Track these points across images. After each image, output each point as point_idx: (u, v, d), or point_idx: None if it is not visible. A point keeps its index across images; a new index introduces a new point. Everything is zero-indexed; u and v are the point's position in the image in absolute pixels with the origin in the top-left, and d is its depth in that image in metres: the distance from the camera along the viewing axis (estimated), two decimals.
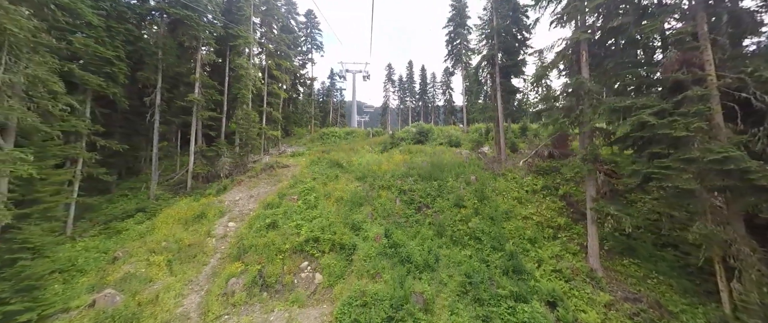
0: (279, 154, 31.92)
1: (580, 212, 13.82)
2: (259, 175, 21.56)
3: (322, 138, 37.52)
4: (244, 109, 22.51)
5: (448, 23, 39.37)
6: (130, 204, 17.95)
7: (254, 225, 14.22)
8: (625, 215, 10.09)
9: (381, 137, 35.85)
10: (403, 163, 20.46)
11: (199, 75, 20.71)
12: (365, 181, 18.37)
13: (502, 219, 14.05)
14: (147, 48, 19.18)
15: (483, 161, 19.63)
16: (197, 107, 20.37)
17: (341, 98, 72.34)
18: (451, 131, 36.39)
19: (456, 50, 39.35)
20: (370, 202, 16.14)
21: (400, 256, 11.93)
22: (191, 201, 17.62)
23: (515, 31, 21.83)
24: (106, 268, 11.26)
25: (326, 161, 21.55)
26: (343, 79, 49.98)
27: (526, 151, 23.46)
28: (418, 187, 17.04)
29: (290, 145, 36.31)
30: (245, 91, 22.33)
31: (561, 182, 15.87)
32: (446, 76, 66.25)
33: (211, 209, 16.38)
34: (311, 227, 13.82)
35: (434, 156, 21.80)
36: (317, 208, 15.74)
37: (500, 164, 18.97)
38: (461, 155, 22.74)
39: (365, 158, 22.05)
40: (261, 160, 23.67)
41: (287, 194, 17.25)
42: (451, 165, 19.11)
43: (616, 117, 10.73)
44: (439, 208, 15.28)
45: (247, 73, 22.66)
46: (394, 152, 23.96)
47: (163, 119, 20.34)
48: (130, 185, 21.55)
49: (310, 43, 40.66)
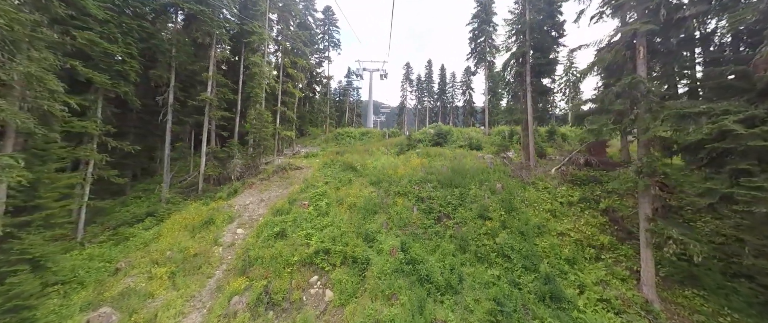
0: (293, 154, 31.31)
1: (626, 230, 12.04)
2: (270, 177, 20.82)
3: (337, 138, 36.67)
4: (257, 108, 21.85)
5: (473, 20, 37.54)
6: (142, 208, 17.59)
7: (262, 234, 13.33)
8: (693, 241, 8.36)
9: (397, 139, 34.58)
10: (421, 167, 19.11)
11: (213, 73, 20.17)
12: (380, 186, 17.18)
13: (534, 235, 12.47)
14: (160, 45, 18.77)
15: (509, 167, 17.97)
16: (210, 107, 19.84)
17: (358, 97, 71.61)
18: (472, 133, 34.63)
19: (480, 48, 37.48)
20: (385, 210, 14.93)
21: (418, 274, 10.65)
22: (201, 205, 17.03)
23: (548, 27, 19.97)
24: (107, 281, 10.63)
25: (339, 164, 20.53)
26: (359, 78, 49.03)
27: (555, 157, 21.57)
28: (437, 195, 15.67)
29: (304, 145, 35.69)
30: (259, 90, 21.65)
31: (601, 194, 14.06)
32: (467, 76, 64.09)
33: (219, 215, 15.68)
34: (322, 237, 12.78)
35: (455, 160, 20.32)
36: (328, 215, 14.70)
37: (529, 171, 17.27)
38: (484, 159, 21.11)
39: (380, 161, 20.86)
40: (273, 161, 22.96)
41: (298, 200, 16.31)
42: (473, 171, 17.59)
43: (683, 124, 8.97)
44: (461, 219, 13.86)
45: (261, 71, 21.97)
46: (411, 155, 22.63)
47: (176, 118, 19.94)
48: (144, 187, 21.37)
49: (328, 40, 39.91)
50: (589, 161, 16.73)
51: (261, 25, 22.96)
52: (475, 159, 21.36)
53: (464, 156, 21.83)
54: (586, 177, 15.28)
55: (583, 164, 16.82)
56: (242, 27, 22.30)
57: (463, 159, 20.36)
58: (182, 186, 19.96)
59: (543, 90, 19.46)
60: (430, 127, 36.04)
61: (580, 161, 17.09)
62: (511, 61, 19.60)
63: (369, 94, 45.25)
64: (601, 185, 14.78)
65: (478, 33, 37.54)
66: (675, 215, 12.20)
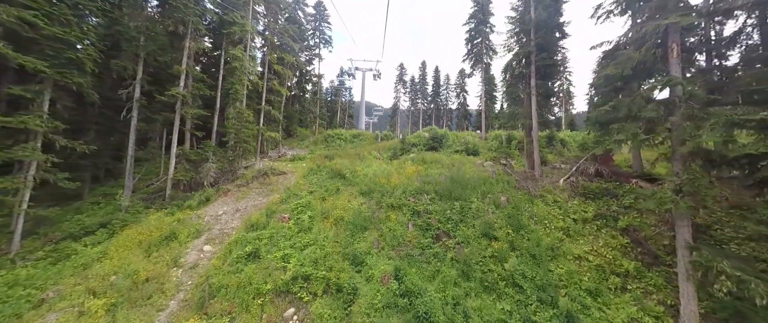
0: (278, 157, 29.22)
1: (652, 254, 10.51)
2: (250, 183, 18.74)
3: (327, 141, 34.69)
4: (237, 107, 19.77)
5: (469, 20, 36.17)
6: (96, 217, 15.31)
7: (231, 255, 11.32)
8: (753, 279, 6.81)
9: (390, 142, 32.83)
10: (417, 176, 17.38)
11: (186, 66, 18.02)
12: (371, 197, 15.36)
13: (548, 258, 10.83)
14: (125, 32, 16.54)
15: (513, 176, 16.39)
16: (182, 103, 17.68)
17: (350, 97, 69.75)
18: (468, 137, 33.16)
19: (476, 50, 36.10)
20: (377, 226, 13.11)
21: (415, 310, 8.84)
22: (164, 215, 14.88)
23: (554, 26, 18.53)
24: (25, 317, 8.47)
25: (327, 171, 18.60)
26: (351, 78, 47.14)
27: (557, 164, 20.14)
28: (435, 208, 13.94)
29: (292, 147, 33.58)
30: (239, 86, 19.59)
31: (618, 210, 12.55)
32: (461, 79, 62.94)
33: (185, 228, 13.57)
34: (302, 259, 10.88)
35: (453, 168, 18.65)
36: (311, 232, 12.80)
37: (535, 182, 15.72)
38: (484, 168, 19.52)
39: (372, 168, 19.04)
40: (254, 165, 20.87)
41: (277, 212, 14.34)
42: (474, 181, 15.94)
43: (729, 134, 7.47)
44: (462, 237, 12.14)
45: (243, 65, 19.92)
46: (405, 162, 20.88)
47: (143, 115, 17.72)
48: (106, 191, 19.00)
49: (319, 37, 37.91)
50: (599, 171, 15.28)
51: (244, 15, 20.92)
52: (474, 167, 19.75)
53: (463, 164, 20.21)
54: (600, 190, 13.78)
55: (594, 174, 15.36)
56: (223, 17, 20.23)
57: (462, 168, 18.72)
58: (148, 192, 17.71)
59: (549, 93, 18.01)
60: (424, 130, 34.45)
61: (590, 170, 15.63)
62: (514, 61, 18.08)
63: (361, 94, 43.46)
64: (616, 199, 13.29)
65: (474, 34, 36.19)
66: (703, 236, 10.75)
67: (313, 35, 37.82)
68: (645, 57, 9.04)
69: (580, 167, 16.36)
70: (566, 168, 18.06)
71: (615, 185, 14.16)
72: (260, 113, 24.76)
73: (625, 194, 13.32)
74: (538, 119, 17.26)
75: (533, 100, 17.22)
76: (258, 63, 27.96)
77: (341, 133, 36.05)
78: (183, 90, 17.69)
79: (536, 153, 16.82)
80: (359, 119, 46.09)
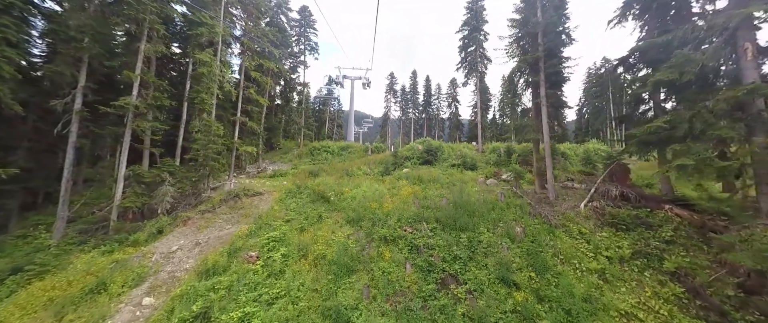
0: (258, 173, 26.38)
1: (717, 309, 8.26)
2: (216, 208, 15.91)
3: (312, 154, 32.04)
4: (204, 119, 17.06)
5: (462, 27, 34.63)
6: (14, 257, 12.20)
7: (173, 317, 8.52)
8: None
9: (382, 155, 30.44)
10: (414, 198, 14.94)
11: (141, 72, 15.29)
12: (360, 226, 12.82)
13: (585, 314, 8.46)
14: (62, 32, 13.78)
15: (525, 199, 14.14)
16: (133, 116, 14.88)
17: (339, 106, 67.49)
18: (464, 150, 31.12)
19: (470, 58, 34.49)
20: (367, 266, 10.54)
21: None
22: (100, 255, 11.92)
23: (560, 29, 16.72)
24: None
25: (308, 193, 15.95)
26: (338, 86, 44.88)
27: (570, 184, 18.08)
28: (438, 241, 11.47)
29: (273, 161, 30.78)
30: (206, 95, 16.92)
31: (659, 245, 10.36)
32: (452, 88, 61.59)
33: (122, 273, 10.67)
34: (268, 319, 8.21)
35: (454, 189, 16.32)
36: (284, 276, 10.14)
37: (551, 206, 13.49)
38: (488, 187, 17.28)
39: (362, 189, 16.51)
40: (224, 186, 18.03)
41: (243, 249, 11.60)
42: (481, 206, 13.62)
43: None
44: (474, 283, 9.67)
45: (211, 72, 17.29)
46: (399, 181, 18.42)
47: (85, 130, 14.81)
48: (41, 220, 15.81)
49: (304, 43, 35.61)
50: (625, 195, 13.17)
51: (214, 16, 18.40)
52: (477, 186, 17.46)
53: (464, 182, 17.91)
54: (630, 219, 11.60)
55: (619, 197, 13.25)
56: (189, 18, 17.68)
57: (465, 188, 16.40)
58: (90, 222, 14.65)
59: (561, 104, 16.02)
60: (418, 142, 32.27)
61: (613, 192, 13.53)
62: (521, 68, 16.07)
63: (350, 104, 41.14)
64: (651, 230, 11.12)
65: (468, 41, 34.67)
66: None
67: (298, 42, 35.51)
68: (712, 59, 6.95)
69: (600, 188, 14.26)
70: (581, 189, 15.96)
71: (646, 212, 12.04)
72: (235, 125, 22.03)
73: (661, 224, 11.18)
74: (550, 133, 15.18)
75: (544, 111, 15.18)
76: (235, 71, 25.40)
77: (328, 145, 33.48)
78: (136, 100, 14.91)
79: (550, 172, 14.67)
80: (348, 129, 43.69)
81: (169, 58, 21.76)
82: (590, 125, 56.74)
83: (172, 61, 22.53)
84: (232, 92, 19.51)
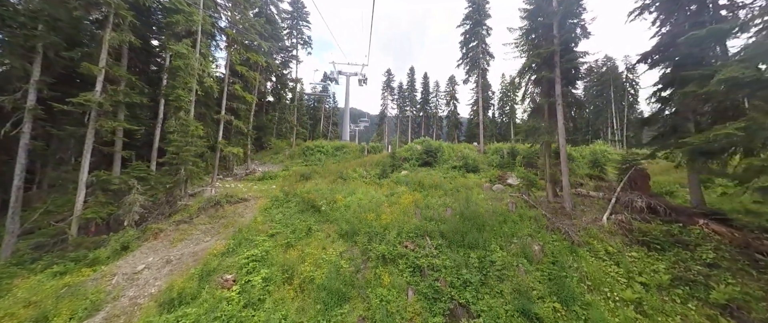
0: (246, 175, 24.65)
1: None
2: (194, 218, 14.21)
3: (305, 154, 30.31)
4: (181, 117, 15.29)
5: (464, 21, 32.99)
6: None
7: None
8: None
9: (378, 156, 28.83)
10: (415, 207, 13.38)
11: (106, 65, 13.48)
12: (354, 242, 11.25)
13: None
14: (8, 17, 11.90)
15: (539, 210, 12.66)
16: (97, 114, 13.08)
17: (334, 104, 65.67)
18: (465, 151, 29.60)
19: (472, 54, 32.92)
20: (362, 292, 8.98)
21: None
22: (50, 277, 10.20)
23: (576, 21, 15.19)
24: None
25: (297, 201, 14.29)
26: (335, 83, 43.09)
27: (585, 191, 16.68)
28: (444, 261, 9.93)
29: (263, 162, 29.02)
30: (182, 91, 15.13)
31: (702, 269, 8.92)
32: (451, 86, 60.04)
33: (71, 302, 8.97)
34: None
35: (458, 196, 14.80)
36: (263, 306, 8.54)
37: (569, 218, 12.02)
38: (495, 193, 15.78)
39: (357, 195, 14.91)
40: (204, 191, 16.31)
41: (217, 270, 9.96)
42: (490, 217, 12.11)
43: None
44: (489, 316, 8.13)
45: (188, 65, 15.50)
46: (398, 186, 16.85)
47: (39, 131, 12.99)
48: None
49: (296, 37, 33.71)
50: (653, 206, 11.73)
51: (192, 2, 16.55)
52: (484, 193, 15.94)
53: (469, 188, 16.42)
54: (663, 235, 10.15)
55: (646, 208, 11.81)
56: (164, 4, 15.84)
57: (470, 194, 14.91)
58: (48, 235, 12.86)
59: (578, 102, 14.53)
60: (416, 142, 30.71)
61: (637, 203, 12.09)
62: (535, 63, 14.53)
63: (345, 101, 39.39)
64: (689, 249, 9.68)
65: (469, 36, 33.08)
66: None
67: (290, 35, 33.60)
68: None
69: (621, 198, 12.82)
70: (598, 198, 14.53)
71: (678, 228, 10.61)
72: (219, 124, 20.26)
73: (699, 243, 9.75)
74: (566, 136, 13.69)
75: (559, 111, 13.67)
76: (221, 65, 23.53)
77: (322, 145, 31.76)
78: (99, 96, 13.11)
79: (566, 179, 13.19)
80: (343, 127, 41.95)
81: (148, 51, 19.85)
82: (590, 125, 55.64)
83: (151, 54, 20.61)
84: (213, 88, 17.72)
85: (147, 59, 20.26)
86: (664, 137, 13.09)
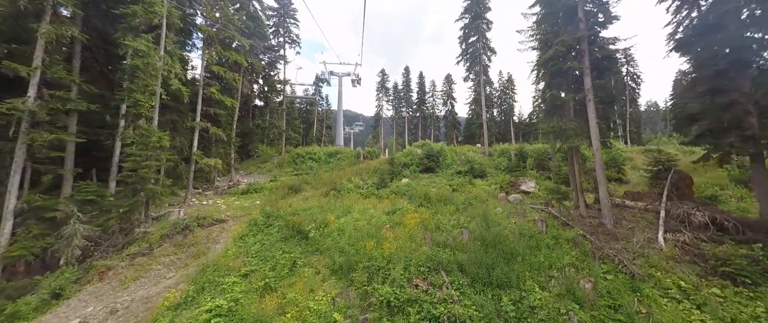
0: (229, 188, 22.10)
1: None
2: (155, 249, 11.69)
3: (296, 162, 27.81)
4: (140, 127, 12.78)
5: (463, 15, 30.84)
6: None
7: None
8: None
9: (376, 162, 26.45)
10: (423, 230, 11.00)
11: (42, 65, 10.95)
12: (351, 280, 8.84)
13: None
14: None
15: (576, 229, 10.37)
16: (26, 126, 10.54)
17: (328, 106, 63.21)
18: (469, 154, 27.42)
19: (472, 49, 30.77)
20: None
21: None
22: None
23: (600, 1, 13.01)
24: None
25: (280, 227, 11.81)
26: (325, 84, 40.67)
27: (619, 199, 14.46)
28: (468, 310, 7.55)
29: (250, 172, 26.48)
30: (141, 95, 12.62)
31: None
32: (448, 85, 58.00)
33: None
34: None
35: (472, 211, 12.47)
36: None
37: (615, 239, 9.75)
38: (515, 206, 13.47)
39: (353, 216, 12.49)
40: (171, 214, 13.77)
41: None
42: (518, 241, 9.80)
43: None
44: None
45: (149, 65, 13.02)
46: (400, 199, 14.45)
47: None
48: None
49: (284, 35, 31.21)
50: (720, 221, 9.51)
51: None
52: (501, 205, 13.62)
53: (482, 200, 14.08)
54: (749, 263, 7.90)
55: (713, 225, 9.58)
56: None
57: (485, 207, 12.58)
58: None
59: (611, 98, 12.29)
60: (416, 145, 28.39)
61: (697, 217, 9.87)
62: (559, 52, 12.26)
63: (338, 103, 36.99)
64: None
65: (469, 31, 30.97)
66: None
67: (277, 33, 31.12)
68: None
69: (672, 210, 10.60)
70: (637, 208, 12.29)
71: (759, 249, 8.39)
72: (194, 133, 17.77)
73: None
74: (600, 137, 11.46)
75: (590, 108, 11.46)
76: (199, 65, 20.99)
77: (314, 151, 29.28)
78: (32, 104, 10.56)
79: (603, 189, 10.93)
80: (337, 131, 39.49)
81: (109, 51, 17.26)
82: None
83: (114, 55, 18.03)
84: (182, 91, 15.20)
85: (109, 60, 17.65)
86: (717, 135, 10.96)
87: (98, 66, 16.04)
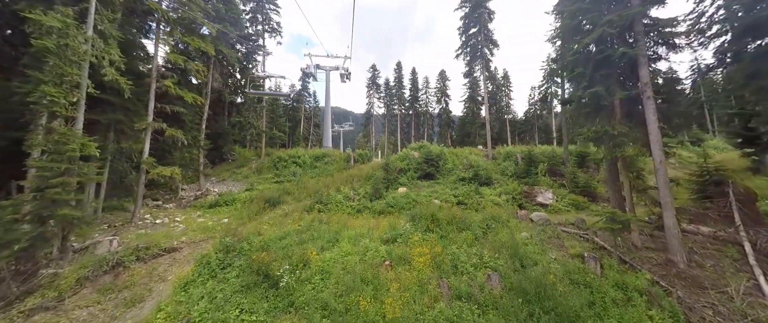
0: (195, 199, 18.80)
1: None
2: (67, 298, 8.45)
3: (277, 167, 24.56)
4: (56, 129, 9.46)
5: (462, 4, 27.99)
6: None
7: None
8: None
9: (367, 166, 23.51)
10: (437, 274, 8.16)
11: None
12: None
13: None
14: None
15: (645, 273, 7.72)
16: None
17: (315, 103, 59.73)
18: (471, 157, 24.78)
19: (473, 42, 28.05)
20: None
21: None
22: None
23: None
24: None
25: (240, 268, 8.73)
26: (310, 79, 37.36)
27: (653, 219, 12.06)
28: None
29: (223, 179, 23.10)
30: (51, 88, 9.30)
31: None
32: (442, 81, 55.33)
33: None
34: None
35: (493, 237, 9.70)
36: None
37: (698, 285, 7.15)
38: (543, 231, 10.75)
39: (341, 248, 9.52)
40: (100, 244, 10.48)
41: None
42: (569, 292, 7.10)
43: None
44: None
45: (66, 47, 9.68)
46: (399, 218, 11.50)
47: None
48: None
49: (262, 22, 27.70)
50: None
51: None
52: (524, 226, 10.87)
53: (503, 222, 11.31)
54: None
55: None
56: None
57: (508, 231, 9.81)
58: None
59: (674, 93, 9.66)
60: (413, 148, 25.58)
61: None
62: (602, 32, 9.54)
63: (326, 100, 33.77)
64: None
65: (469, 22, 28.27)
66: None
67: (254, 21, 27.59)
68: None
69: (753, 238, 8.10)
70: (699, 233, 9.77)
71: None
72: (145, 136, 14.43)
73: None
74: (662, 145, 8.84)
75: (648, 107, 8.84)
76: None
77: (298, 155, 26.06)
78: None
79: (671, 215, 8.33)
80: (325, 130, 36.26)
81: None
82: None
83: None
84: (120, 83, 11.84)
85: (24, 41, 14.02)
86: None
87: (10, 50, 12.49)
